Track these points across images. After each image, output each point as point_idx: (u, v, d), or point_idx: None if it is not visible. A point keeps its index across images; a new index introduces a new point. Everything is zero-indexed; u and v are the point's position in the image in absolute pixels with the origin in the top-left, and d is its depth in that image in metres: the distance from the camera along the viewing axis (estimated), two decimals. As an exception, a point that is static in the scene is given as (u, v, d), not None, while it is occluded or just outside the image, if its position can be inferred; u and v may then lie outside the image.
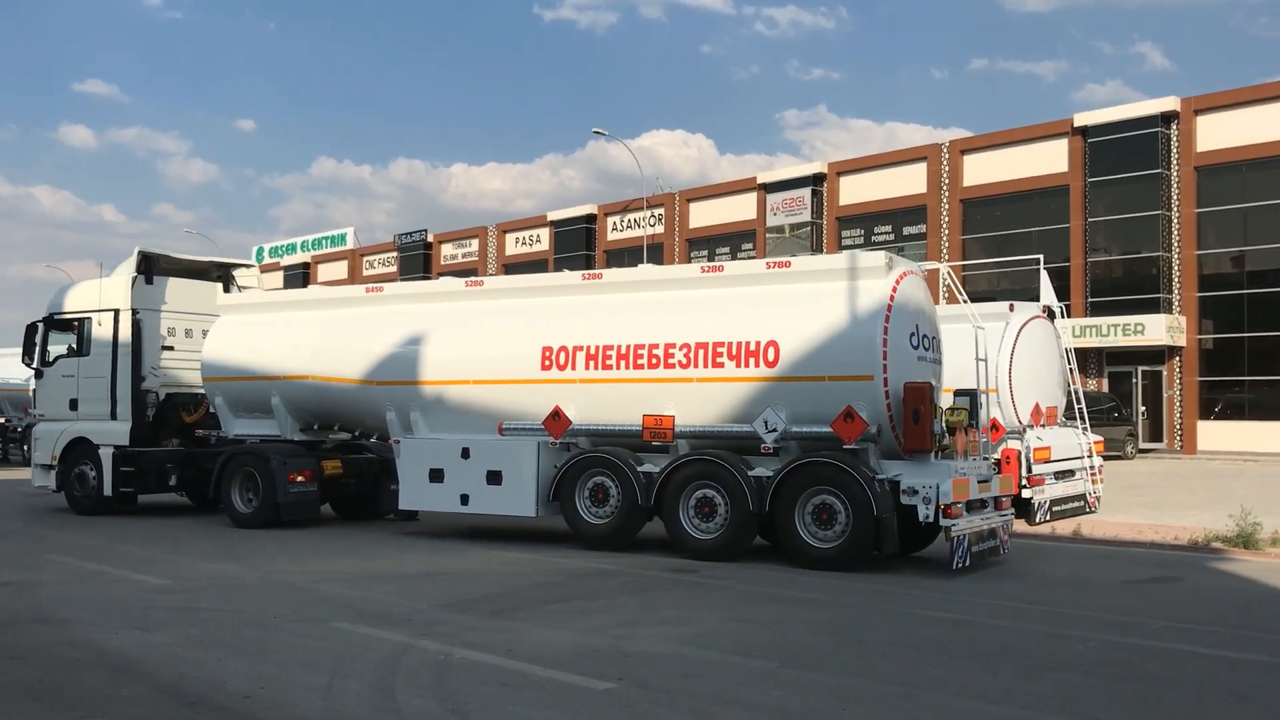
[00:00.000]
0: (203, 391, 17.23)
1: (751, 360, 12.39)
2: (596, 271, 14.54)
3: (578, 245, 54.87)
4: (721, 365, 12.57)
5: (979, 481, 11.92)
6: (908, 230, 43.22)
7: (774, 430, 12.06)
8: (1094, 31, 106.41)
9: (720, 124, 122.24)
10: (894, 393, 11.76)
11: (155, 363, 17.57)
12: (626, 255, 51.63)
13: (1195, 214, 35.89)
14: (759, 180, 48.42)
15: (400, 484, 14.54)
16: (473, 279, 15.36)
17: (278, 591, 10.40)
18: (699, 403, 12.69)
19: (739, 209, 49.08)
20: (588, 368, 13.35)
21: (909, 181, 43.18)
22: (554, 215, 57.39)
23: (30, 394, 22.59)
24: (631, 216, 53.05)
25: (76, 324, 17.82)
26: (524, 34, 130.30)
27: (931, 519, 11.35)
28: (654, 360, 12.98)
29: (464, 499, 13.95)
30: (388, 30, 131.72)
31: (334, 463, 16.29)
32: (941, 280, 10.32)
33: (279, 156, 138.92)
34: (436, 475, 14.16)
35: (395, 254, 65.04)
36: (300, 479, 15.55)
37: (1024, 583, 11.28)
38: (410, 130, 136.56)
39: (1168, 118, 36.60)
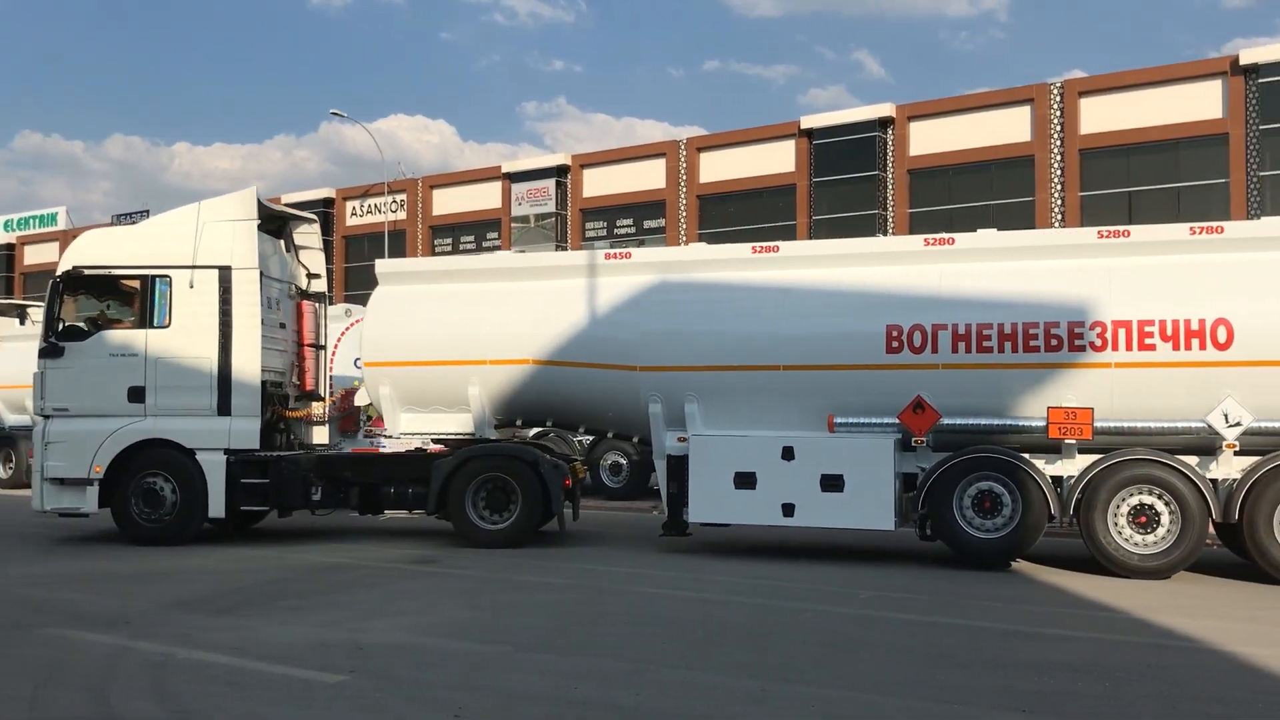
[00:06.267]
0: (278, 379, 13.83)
1: (1195, 342, 10.54)
2: (947, 236, 12.06)
3: (316, 230, 53.05)
4: (1152, 348, 10.65)
5: None
6: (648, 224, 44.33)
7: (1237, 425, 10.36)
8: (817, 38, 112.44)
9: (462, 111, 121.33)
10: None
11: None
12: (367, 241, 50.44)
13: (908, 214, 38.61)
14: (504, 169, 48.37)
15: (691, 491, 12.00)
16: (765, 244, 12.67)
17: (-23, 598, 9.62)
18: (1119, 393, 10.79)
19: (484, 197, 48.85)
20: (954, 350, 11.23)
21: (649, 176, 44.28)
22: (289, 198, 55.20)
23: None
24: (372, 202, 51.80)
25: (142, 283, 13.25)
26: (249, 9, 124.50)
27: None
28: (1054, 341, 10.93)
29: (788, 510, 11.55)
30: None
31: (581, 466, 13.71)
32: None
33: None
34: (745, 480, 11.68)
35: (114, 236, 60.81)
36: (567, 485, 12.95)
37: (754, 561, 11.90)
38: (127, 105, 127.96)
39: (884, 123, 39.19)
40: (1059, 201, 35.95)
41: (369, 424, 14.83)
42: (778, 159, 41.26)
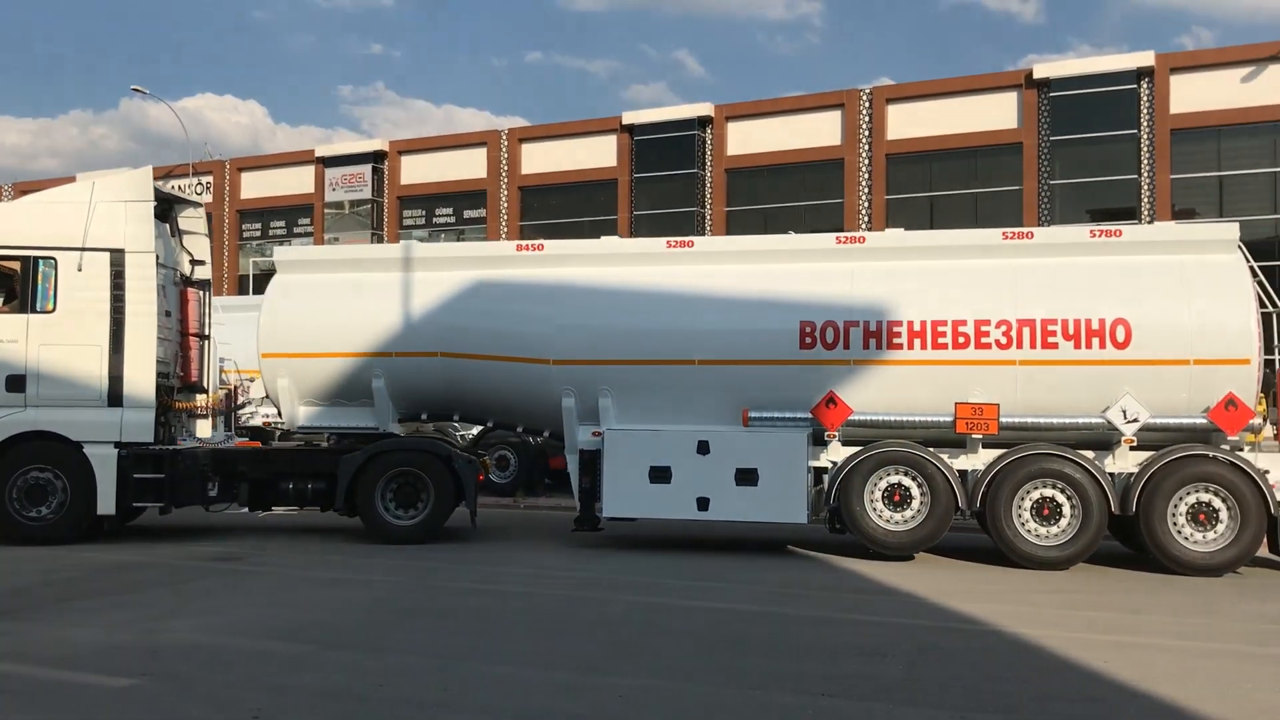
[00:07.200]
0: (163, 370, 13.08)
1: (1095, 341, 10.95)
2: (858, 234, 12.52)
3: (114, 212, 50.27)
4: (1055, 346, 11.03)
5: None
6: (468, 214, 43.84)
7: (1134, 421, 10.78)
8: (639, 35, 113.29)
9: (274, 92, 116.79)
10: (1263, 378, 10.98)
11: None
12: (170, 225, 48.13)
13: (725, 212, 39.43)
14: (318, 153, 46.94)
15: (604, 486, 11.97)
16: (679, 239, 12.72)
17: None
18: (1023, 389, 11.12)
19: (296, 182, 47.29)
20: (865, 347, 11.46)
21: (470, 165, 43.78)
22: (86, 177, 52.13)
23: None
24: (176, 183, 49.41)
25: (23, 264, 12.39)
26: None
27: None
28: (961, 339, 11.24)
29: (703, 504, 11.63)
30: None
31: (487, 461, 13.46)
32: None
33: None
34: (660, 475, 11.70)
35: (-116, 211, 56.16)
36: (480, 480, 12.91)
37: (566, 552, 11.94)
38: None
39: (703, 122, 39.88)
40: (866, 204, 37.36)
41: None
42: (599, 153, 41.44)
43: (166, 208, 13.96)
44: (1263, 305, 11.04)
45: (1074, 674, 6.76)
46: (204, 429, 14.19)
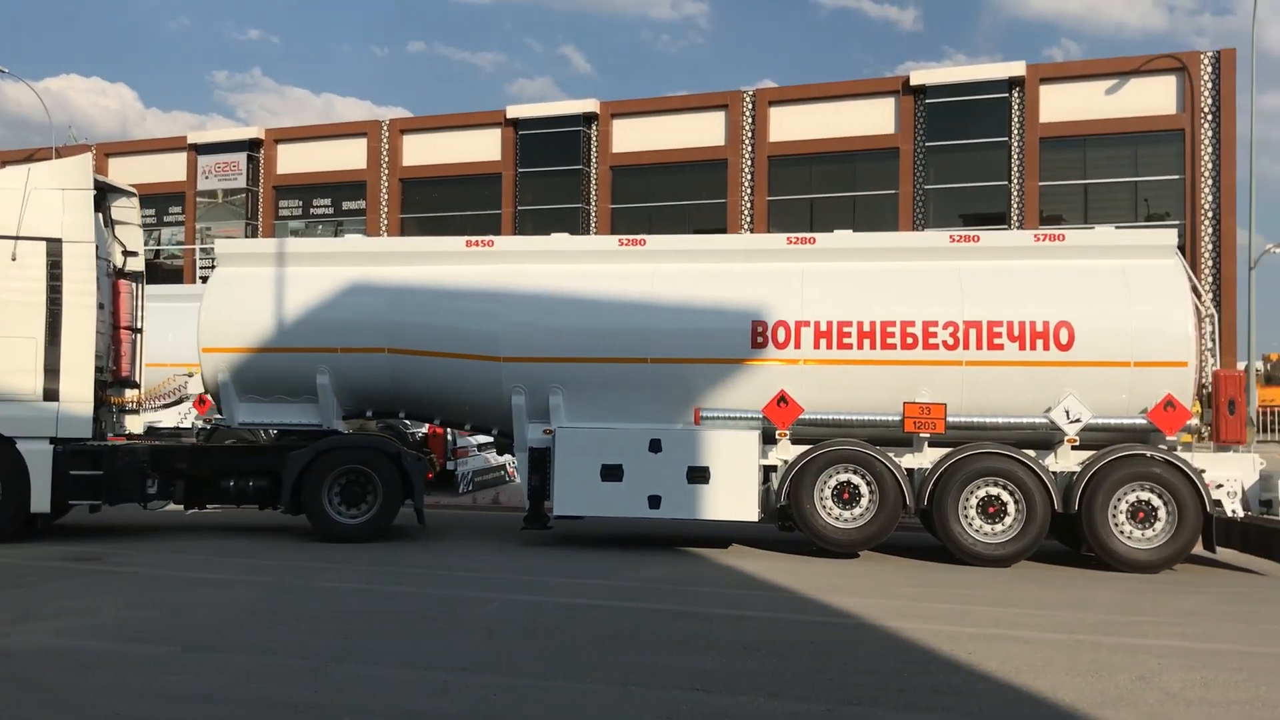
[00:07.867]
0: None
1: (1040, 343, 11.19)
2: (808, 235, 12.35)
3: (-31, 195, 47.84)
4: (1000, 347, 11.24)
5: None
6: (347, 205, 43.00)
7: (1077, 421, 11.03)
8: (526, 29, 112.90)
9: (145, 76, 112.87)
10: (1200, 381, 11.28)
11: None
12: (31, 210, 45.96)
13: (610, 209, 39.48)
14: (190, 140, 45.49)
15: (555, 484, 11.79)
16: (631, 237, 12.51)
17: None
18: (969, 389, 11.29)
19: (167, 169, 45.72)
20: (817, 347, 11.52)
21: (349, 156, 42.94)
22: (-61, 158, 49.61)
23: None
24: (38, 167, 47.32)
25: None
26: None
27: (1241, 515, 11.00)
28: (910, 340, 11.37)
29: (654, 501, 11.56)
30: None
31: (434, 459, 13.25)
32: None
33: None
34: (612, 473, 11.60)
35: None
36: (429, 478, 12.76)
37: (439, 551, 11.78)
38: None
39: (588, 118, 39.86)
40: (749, 205, 37.83)
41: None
42: (483, 146, 41.08)
43: (100, 196, 13.45)
44: (1198, 310, 11.46)
45: (940, 665, 6.92)
46: (134, 424, 13.81)
